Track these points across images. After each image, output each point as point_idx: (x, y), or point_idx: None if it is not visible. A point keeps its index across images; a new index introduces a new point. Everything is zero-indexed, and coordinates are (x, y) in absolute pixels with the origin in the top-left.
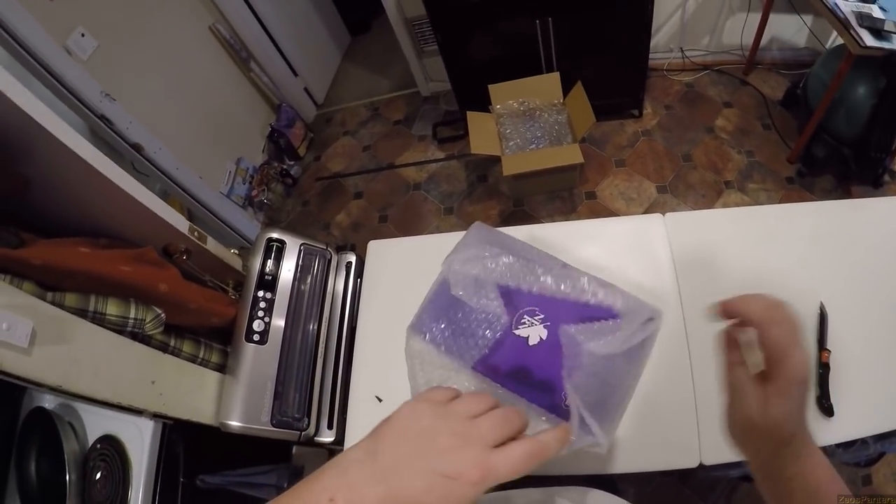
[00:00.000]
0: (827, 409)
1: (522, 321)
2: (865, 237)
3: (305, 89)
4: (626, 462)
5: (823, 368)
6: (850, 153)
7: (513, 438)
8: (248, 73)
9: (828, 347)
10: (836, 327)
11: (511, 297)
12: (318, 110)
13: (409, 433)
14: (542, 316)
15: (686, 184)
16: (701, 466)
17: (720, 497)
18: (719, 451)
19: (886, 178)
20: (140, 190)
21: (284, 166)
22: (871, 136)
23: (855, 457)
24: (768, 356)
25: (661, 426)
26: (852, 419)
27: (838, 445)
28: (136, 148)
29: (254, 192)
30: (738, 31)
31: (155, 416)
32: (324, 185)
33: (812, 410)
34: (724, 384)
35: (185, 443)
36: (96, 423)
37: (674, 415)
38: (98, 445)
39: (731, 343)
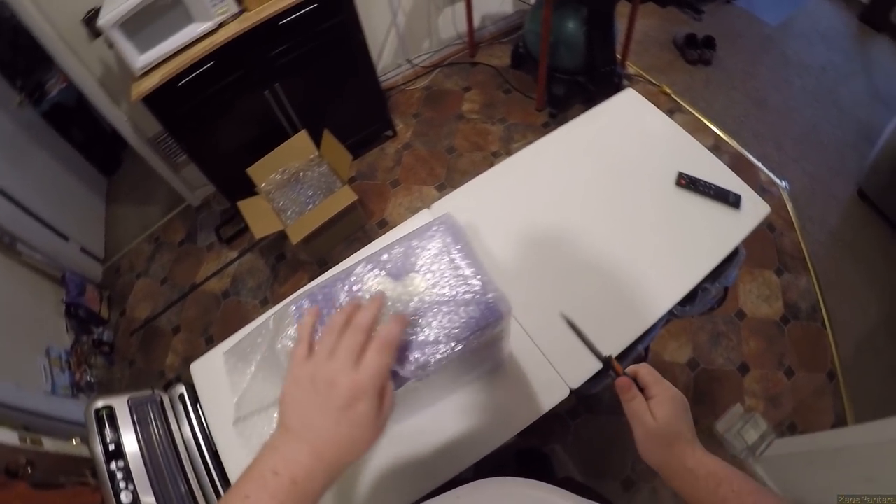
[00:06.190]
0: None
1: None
2: (614, 136)
3: (82, 249)
4: (512, 425)
5: None
6: (584, 79)
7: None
8: (19, 258)
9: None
10: (621, 218)
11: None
12: (104, 265)
13: (297, 400)
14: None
15: (460, 172)
16: (573, 392)
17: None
18: (577, 371)
19: (625, 82)
20: None
21: (95, 336)
22: (594, 57)
23: (703, 305)
24: (647, 389)
25: (520, 380)
26: (674, 277)
27: (683, 304)
28: None
29: (77, 377)
30: (450, 24)
31: None
32: (140, 337)
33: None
34: (629, 415)
35: None
36: None
37: (524, 364)
38: None
39: (623, 390)
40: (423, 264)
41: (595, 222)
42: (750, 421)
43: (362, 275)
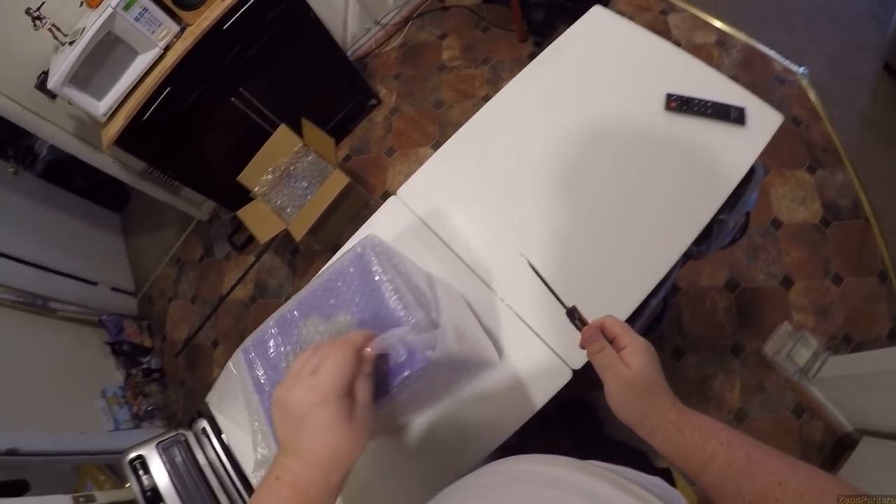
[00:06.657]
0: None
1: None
2: (586, 65)
3: (113, 288)
4: (519, 413)
5: None
6: None
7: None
8: (55, 315)
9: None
10: (609, 162)
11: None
12: (136, 297)
13: (276, 420)
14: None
15: (453, 125)
16: (575, 373)
17: None
18: (578, 351)
19: None
20: None
21: (144, 366)
22: None
23: (723, 239)
24: (616, 339)
25: (521, 369)
26: (682, 217)
27: (699, 244)
28: (12, 453)
29: (135, 409)
30: None
31: None
32: (185, 357)
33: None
34: (598, 367)
35: None
36: None
37: (523, 352)
38: None
39: (591, 340)
40: (348, 299)
41: (581, 173)
42: (800, 340)
43: (295, 319)
